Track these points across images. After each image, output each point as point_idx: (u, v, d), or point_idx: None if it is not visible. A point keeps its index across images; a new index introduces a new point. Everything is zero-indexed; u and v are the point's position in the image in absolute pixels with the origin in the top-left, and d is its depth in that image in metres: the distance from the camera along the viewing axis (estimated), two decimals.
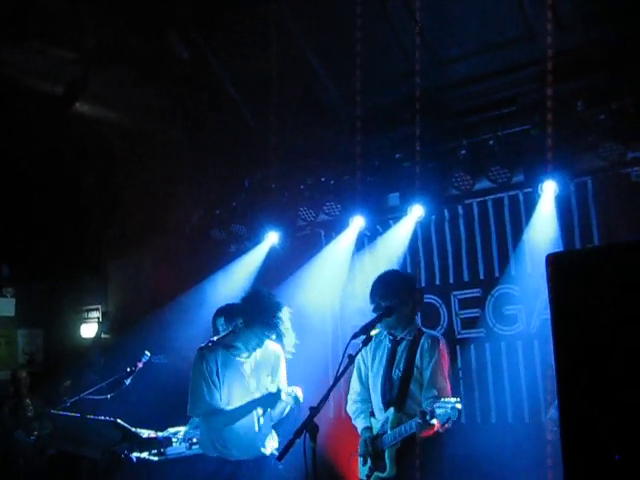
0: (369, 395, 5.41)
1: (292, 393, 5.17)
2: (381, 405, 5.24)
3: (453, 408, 4.62)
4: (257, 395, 5.23)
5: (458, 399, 4.70)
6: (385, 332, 5.35)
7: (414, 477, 4.97)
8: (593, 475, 2.50)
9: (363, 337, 4.48)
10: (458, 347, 7.26)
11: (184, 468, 5.96)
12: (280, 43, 7.50)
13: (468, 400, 7.02)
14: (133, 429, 5.63)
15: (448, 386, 5.13)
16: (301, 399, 5.18)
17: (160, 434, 5.94)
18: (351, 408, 5.54)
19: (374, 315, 4.93)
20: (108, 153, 9.15)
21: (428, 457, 4.98)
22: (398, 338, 5.28)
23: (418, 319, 5.48)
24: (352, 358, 4.29)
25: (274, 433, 5.46)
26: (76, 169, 9.38)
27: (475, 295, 7.29)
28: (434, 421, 4.74)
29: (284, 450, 3.99)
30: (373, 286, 5.28)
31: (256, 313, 5.14)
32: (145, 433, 5.90)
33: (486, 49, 6.99)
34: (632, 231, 6.20)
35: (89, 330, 10.74)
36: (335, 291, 8.00)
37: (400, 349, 5.26)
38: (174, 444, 5.88)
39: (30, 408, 9.01)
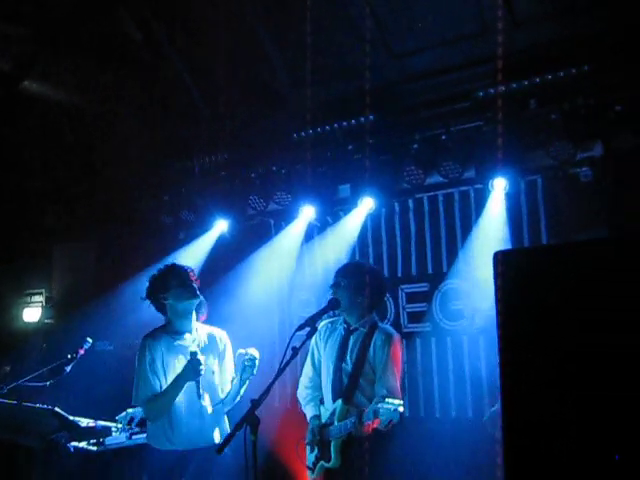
0: (320, 382, 5.39)
1: (247, 354, 5.06)
2: (330, 395, 5.23)
3: (395, 411, 4.64)
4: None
5: (401, 402, 4.71)
6: (341, 319, 5.34)
7: (358, 470, 4.99)
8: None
9: (308, 329, 4.45)
10: (404, 341, 7.25)
11: (124, 459, 5.89)
12: (233, 29, 7.41)
13: (412, 394, 7.05)
14: (71, 418, 5.51)
15: (398, 385, 5.13)
16: (257, 361, 5.07)
17: (100, 423, 5.83)
18: (301, 394, 5.53)
19: (322, 306, 4.92)
20: (55, 134, 8.95)
21: (373, 451, 5.00)
22: (352, 327, 5.27)
23: (374, 313, 5.46)
24: (296, 350, 4.26)
25: (226, 420, 5.36)
26: (22, 150, 9.15)
27: (422, 289, 7.30)
28: (370, 422, 4.77)
29: (223, 443, 3.97)
30: (341, 267, 5.39)
31: (157, 283, 5.21)
32: (84, 422, 5.80)
33: (441, 44, 6.97)
34: (580, 231, 6.26)
35: (32, 314, 10.53)
36: (283, 281, 7.96)
37: (352, 339, 5.26)
38: (114, 434, 5.78)
39: None
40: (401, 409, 4.66)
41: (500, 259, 2.55)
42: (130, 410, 5.98)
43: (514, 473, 2.57)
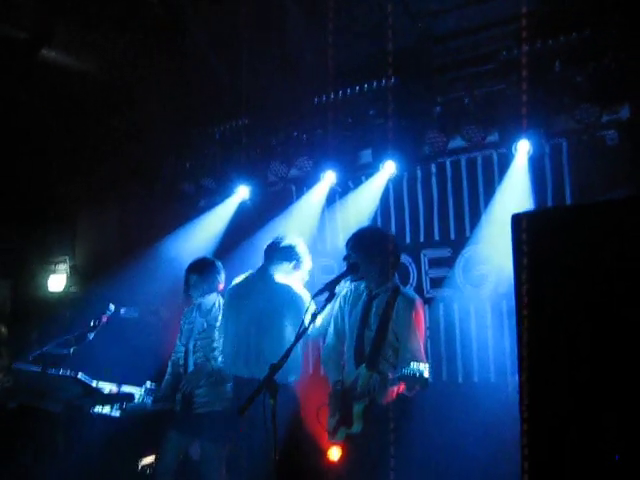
0: (343, 347, 5.37)
1: None
2: (353, 361, 5.21)
3: (421, 375, 4.59)
4: None
5: (426, 366, 4.66)
6: (364, 285, 5.30)
7: (380, 436, 4.97)
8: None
9: (327, 294, 4.42)
10: (427, 306, 7.21)
11: (148, 423, 5.94)
12: None
13: (435, 360, 7.01)
14: (94, 384, 5.55)
15: (422, 349, 5.09)
16: None
17: (122, 389, 5.87)
18: (324, 358, 5.52)
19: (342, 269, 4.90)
20: (76, 103, 8.92)
21: (395, 417, 4.97)
22: (373, 293, 5.23)
23: (396, 277, 5.41)
24: (315, 315, 4.24)
25: None
26: (43, 119, 9.14)
27: (445, 255, 7.24)
28: (394, 388, 4.75)
29: (244, 405, 3.95)
30: (349, 237, 5.24)
31: None
32: (107, 388, 5.84)
33: (464, 4, 6.87)
34: (605, 194, 6.15)
35: (57, 283, 10.60)
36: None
37: (374, 305, 5.21)
38: (136, 400, 5.82)
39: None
40: (426, 374, 4.62)
41: (517, 221, 2.50)
42: (149, 383, 6.03)
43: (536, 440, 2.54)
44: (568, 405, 2.42)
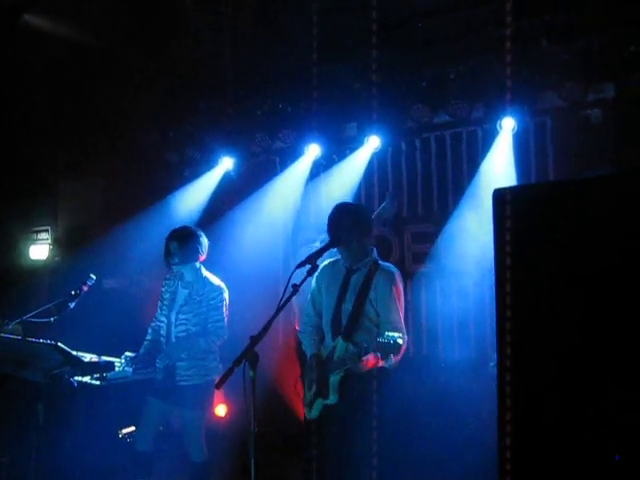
0: (320, 321, 5.38)
1: None
2: (330, 334, 5.22)
3: (395, 342, 4.58)
4: None
5: (400, 334, 4.66)
6: (342, 259, 5.29)
7: (356, 406, 5.00)
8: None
9: (309, 266, 4.42)
10: (409, 281, 7.23)
11: (129, 392, 5.95)
12: None
13: (416, 335, 7.05)
14: (74, 353, 5.53)
15: (402, 320, 5.09)
16: None
17: (103, 359, 5.87)
18: (302, 331, 5.52)
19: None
20: (59, 71, 8.83)
21: (371, 388, 4.99)
22: (353, 267, 5.22)
23: (375, 251, 5.41)
24: (296, 287, 4.23)
25: None
26: (28, 87, 9.05)
27: (428, 230, 7.25)
28: (368, 357, 4.76)
29: (223, 378, 3.96)
30: (329, 214, 5.22)
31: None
32: (87, 357, 5.83)
33: None
34: (587, 172, 6.17)
35: (38, 252, 10.55)
36: (288, 219, 7.94)
37: (354, 279, 5.19)
38: (117, 368, 5.82)
39: None
40: (400, 341, 4.59)
41: (498, 196, 2.50)
42: (128, 353, 6.03)
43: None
44: (552, 374, 2.44)
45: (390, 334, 4.62)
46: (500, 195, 2.54)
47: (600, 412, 2.38)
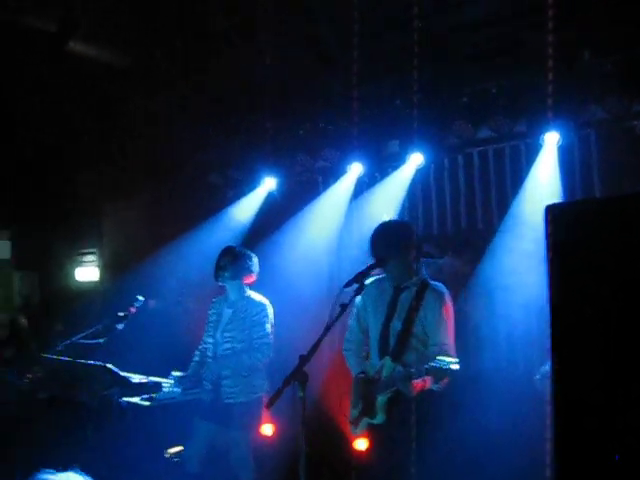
0: (364, 339, 5.35)
1: None
2: (377, 352, 5.17)
3: (448, 369, 4.52)
4: None
5: (455, 360, 4.60)
6: (388, 279, 5.25)
7: (404, 428, 4.94)
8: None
9: (356, 286, 4.41)
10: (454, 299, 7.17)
11: (177, 413, 5.98)
12: None
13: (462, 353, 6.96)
14: (123, 374, 5.60)
15: (452, 343, 5.02)
16: None
17: (151, 379, 5.92)
18: (346, 349, 5.49)
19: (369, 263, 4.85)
20: (103, 94, 8.97)
21: (421, 409, 4.92)
22: (402, 286, 5.17)
23: (424, 270, 5.36)
24: (344, 307, 4.21)
25: None
26: (71, 110, 9.20)
27: (471, 247, 7.19)
28: (419, 381, 4.72)
29: (273, 398, 3.96)
30: (372, 233, 5.18)
31: None
32: (136, 378, 5.88)
33: None
34: (635, 185, 6.09)
35: (84, 274, 10.69)
36: (332, 238, 7.92)
37: (402, 298, 5.13)
38: (165, 389, 5.86)
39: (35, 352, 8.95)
40: (454, 367, 4.54)
41: (552, 212, 2.47)
42: (176, 373, 6.07)
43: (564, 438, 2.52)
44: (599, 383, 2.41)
45: (444, 359, 4.55)
46: (552, 211, 2.50)
47: None
